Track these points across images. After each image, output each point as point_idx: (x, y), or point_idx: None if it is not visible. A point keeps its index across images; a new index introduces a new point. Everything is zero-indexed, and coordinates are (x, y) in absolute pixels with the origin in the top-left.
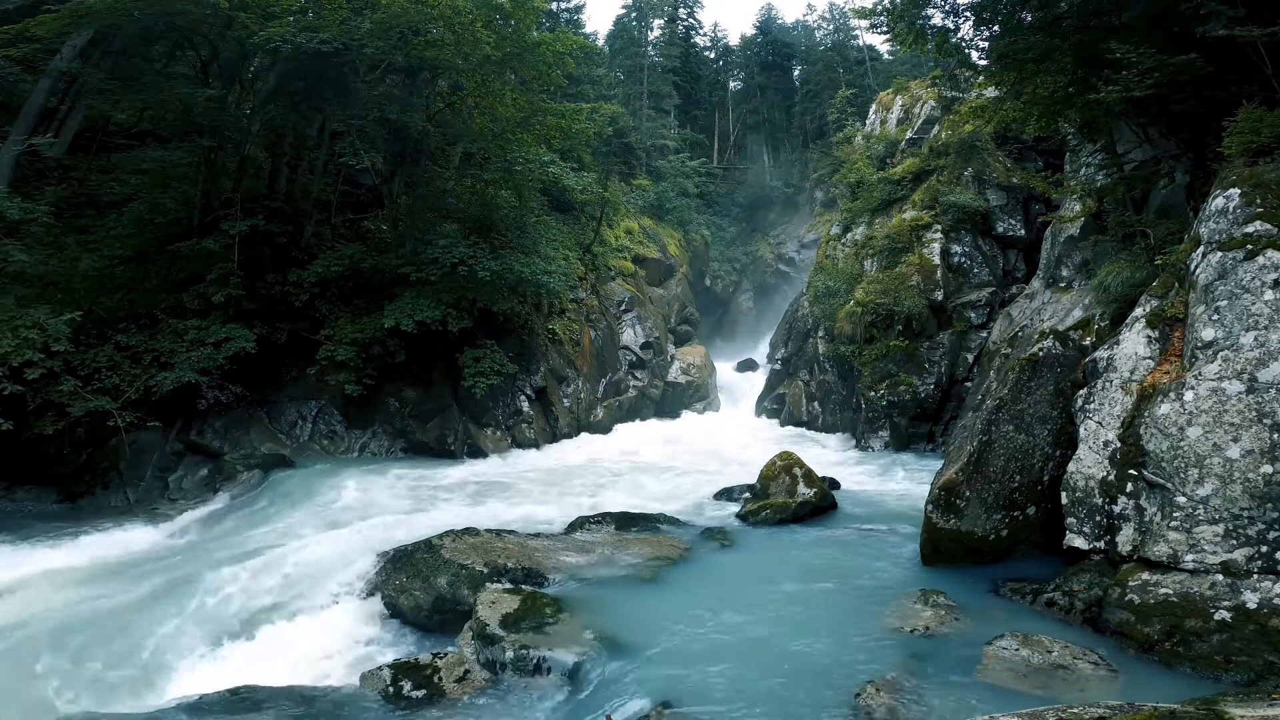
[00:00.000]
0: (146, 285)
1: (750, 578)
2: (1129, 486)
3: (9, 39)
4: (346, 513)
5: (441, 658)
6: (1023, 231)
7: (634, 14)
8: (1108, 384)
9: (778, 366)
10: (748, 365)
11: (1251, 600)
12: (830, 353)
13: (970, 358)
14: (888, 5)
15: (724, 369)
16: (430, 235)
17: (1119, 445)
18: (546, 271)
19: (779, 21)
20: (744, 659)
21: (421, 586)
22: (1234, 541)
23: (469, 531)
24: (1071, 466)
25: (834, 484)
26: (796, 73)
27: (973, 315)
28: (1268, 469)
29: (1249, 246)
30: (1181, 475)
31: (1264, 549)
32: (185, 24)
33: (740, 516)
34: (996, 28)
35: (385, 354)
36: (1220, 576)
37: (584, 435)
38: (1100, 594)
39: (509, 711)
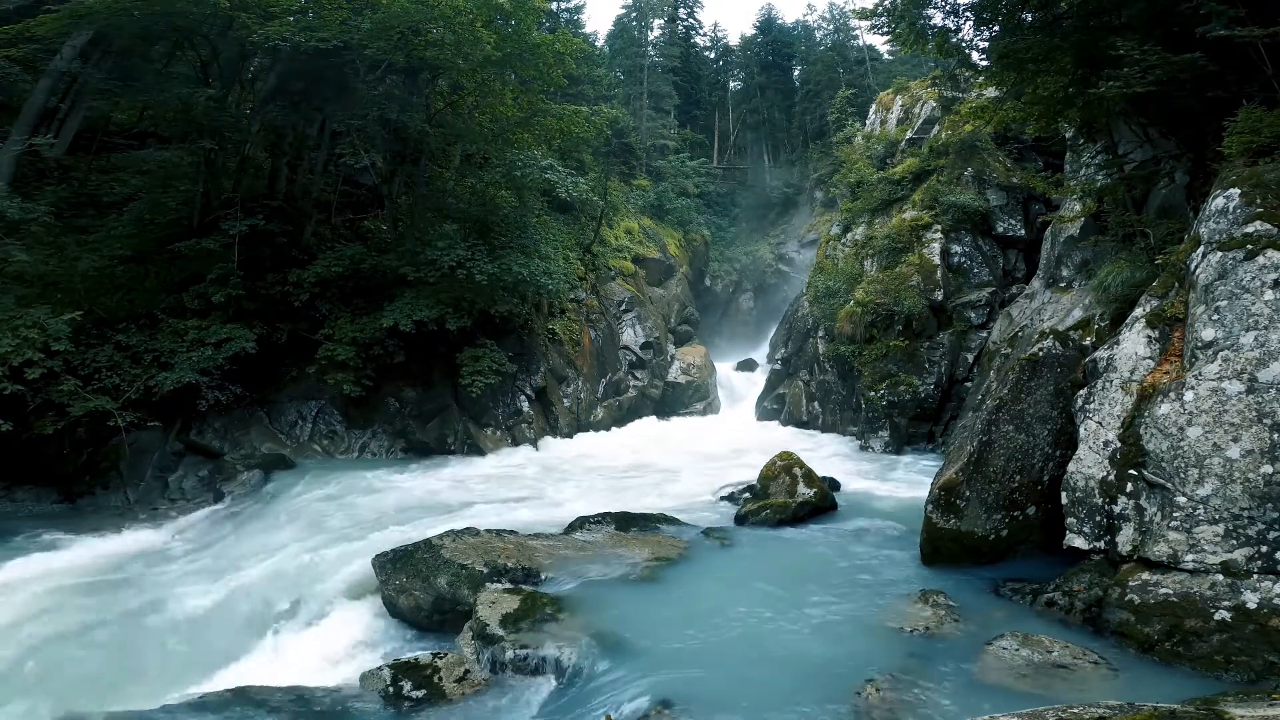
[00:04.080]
0: (146, 285)
1: (750, 578)
2: (1129, 486)
3: (9, 39)
4: (346, 513)
5: (441, 658)
6: (1023, 231)
7: (634, 14)
8: (1108, 384)
9: (778, 366)
10: (748, 365)
11: (1251, 600)
12: (830, 353)
13: (970, 358)
14: (888, 5)
15: (724, 369)
16: (430, 235)
17: (1119, 445)
18: (546, 273)
19: (779, 21)
20: (744, 658)
21: (421, 586)
22: (1234, 541)
23: (469, 531)
24: (1071, 466)
25: (834, 484)
26: (796, 73)
27: (973, 315)
28: (1268, 469)
29: (1249, 246)
30: (1181, 475)
31: (1264, 549)
32: (185, 24)
33: (740, 516)
34: (996, 28)
35: (385, 354)
36: (1220, 576)
37: (584, 435)
38: (1100, 594)
39: (509, 711)
